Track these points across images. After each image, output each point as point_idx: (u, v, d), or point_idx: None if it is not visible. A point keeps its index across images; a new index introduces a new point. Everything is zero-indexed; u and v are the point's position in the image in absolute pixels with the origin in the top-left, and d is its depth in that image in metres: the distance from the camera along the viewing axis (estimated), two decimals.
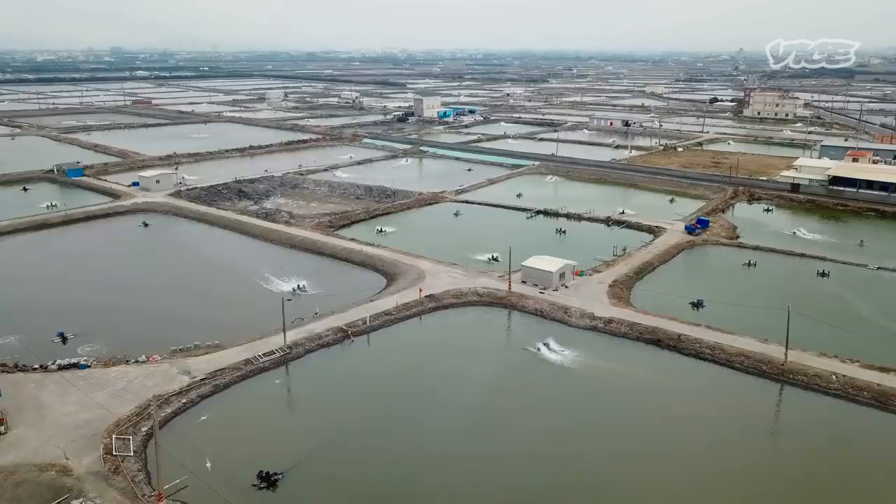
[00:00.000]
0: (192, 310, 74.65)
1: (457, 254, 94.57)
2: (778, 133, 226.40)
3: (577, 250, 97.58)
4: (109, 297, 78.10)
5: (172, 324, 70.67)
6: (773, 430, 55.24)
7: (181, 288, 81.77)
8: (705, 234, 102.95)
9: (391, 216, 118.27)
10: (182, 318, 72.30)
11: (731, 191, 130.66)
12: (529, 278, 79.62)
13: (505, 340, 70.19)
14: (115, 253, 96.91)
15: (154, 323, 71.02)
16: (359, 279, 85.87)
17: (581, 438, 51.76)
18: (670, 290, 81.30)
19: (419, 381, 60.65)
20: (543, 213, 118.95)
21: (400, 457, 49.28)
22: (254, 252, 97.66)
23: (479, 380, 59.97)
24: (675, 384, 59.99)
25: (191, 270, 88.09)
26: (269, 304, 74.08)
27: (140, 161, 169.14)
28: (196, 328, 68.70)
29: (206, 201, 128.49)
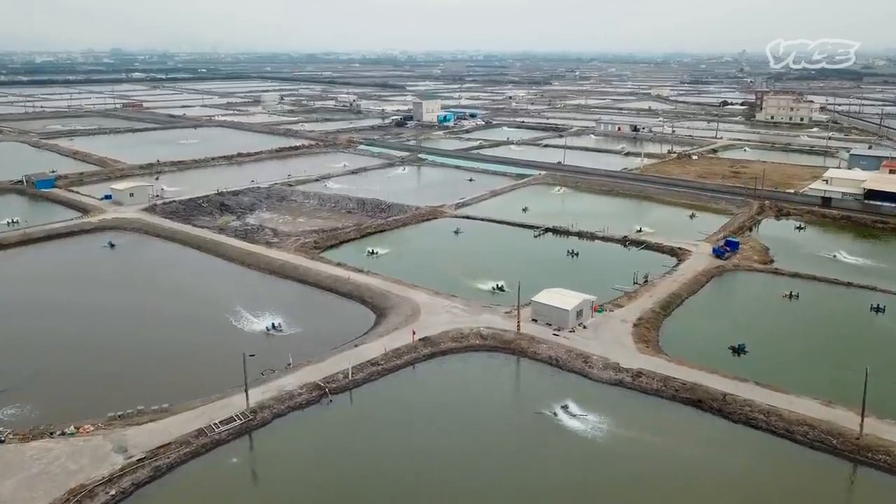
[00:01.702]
0: (143, 357, 63.41)
1: (456, 281, 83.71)
2: (795, 139, 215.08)
3: (592, 276, 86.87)
4: (48, 340, 67.06)
5: (117, 377, 59.58)
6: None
7: (136, 328, 70.39)
8: (735, 257, 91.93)
9: (385, 234, 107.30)
10: (130, 369, 61.16)
11: (756, 205, 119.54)
12: (541, 316, 68.64)
13: (514, 399, 58.90)
14: (68, 281, 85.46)
15: (95, 376, 59.91)
16: (344, 315, 74.85)
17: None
18: (704, 329, 70.42)
19: (409, 456, 49.53)
20: (552, 231, 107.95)
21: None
22: (228, 279, 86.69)
23: (483, 458, 48.86)
24: (724, 462, 48.78)
25: (152, 304, 76.94)
26: (235, 348, 62.98)
27: (119, 170, 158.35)
28: (145, 383, 57.87)
29: (183, 217, 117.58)
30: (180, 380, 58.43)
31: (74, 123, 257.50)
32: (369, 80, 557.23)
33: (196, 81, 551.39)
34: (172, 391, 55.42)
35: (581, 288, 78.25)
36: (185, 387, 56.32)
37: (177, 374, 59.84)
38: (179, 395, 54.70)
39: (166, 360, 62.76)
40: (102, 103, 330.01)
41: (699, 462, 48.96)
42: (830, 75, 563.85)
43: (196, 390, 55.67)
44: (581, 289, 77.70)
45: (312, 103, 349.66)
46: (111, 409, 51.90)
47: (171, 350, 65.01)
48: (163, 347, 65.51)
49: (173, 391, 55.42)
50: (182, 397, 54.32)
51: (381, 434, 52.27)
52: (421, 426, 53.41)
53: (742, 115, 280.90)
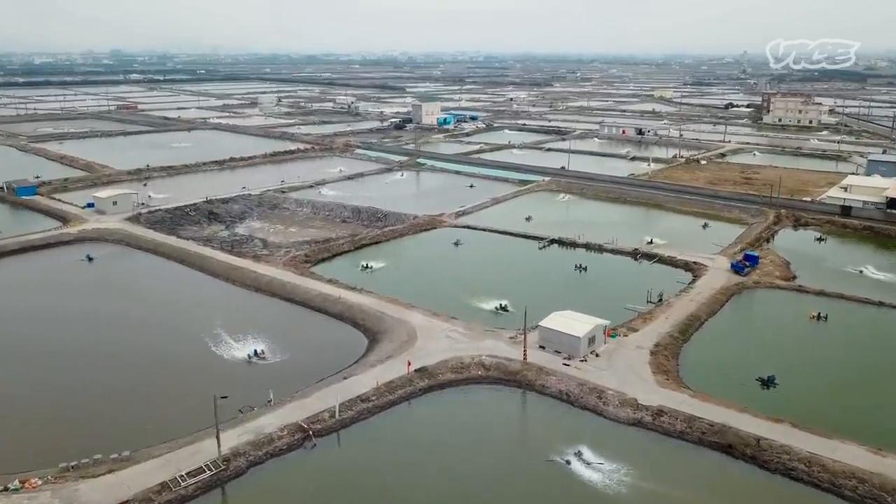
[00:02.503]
0: (107, 393, 57.14)
1: (456, 299, 77.72)
2: (805, 142, 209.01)
3: (602, 293, 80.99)
4: (5, 372, 60.91)
5: (76, 417, 53.50)
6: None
7: (101, 357, 64.01)
8: (755, 272, 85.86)
9: (380, 246, 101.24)
10: (91, 407, 55.02)
11: (773, 215, 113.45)
12: (550, 343, 62.59)
13: (521, 443, 52.44)
14: (38, 300, 78.96)
15: (51, 417, 53.63)
16: (333, 339, 68.78)
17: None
18: (728, 357, 64.32)
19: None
20: (558, 243, 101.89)
21: None
22: (211, 297, 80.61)
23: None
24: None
25: (123, 328, 70.79)
26: (212, 380, 57.25)
27: (106, 176, 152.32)
28: (107, 424, 51.95)
29: (168, 226, 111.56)
30: (147, 419, 52.32)
31: (66, 126, 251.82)
32: (369, 82, 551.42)
33: (194, 83, 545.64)
34: (137, 434, 49.41)
35: (591, 307, 72.42)
36: (153, 428, 50.30)
37: (144, 412, 53.66)
38: (145, 438, 48.70)
39: (133, 396, 56.56)
40: (96, 105, 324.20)
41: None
42: (834, 77, 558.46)
43: (164, 431, 49.69)
44: (591, 308, 71.88)
45: (310, 105, 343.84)
46: (65, 456, 45.85)
47: (140, 383, 58.78)
48: (130, 380, 59.29)
49: (138, 434, 49.41)
50: (148, 440, 48.32)
51: (371, 483, 46.22)
52: (416, 474, 47.37)
53: (748, 118, 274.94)
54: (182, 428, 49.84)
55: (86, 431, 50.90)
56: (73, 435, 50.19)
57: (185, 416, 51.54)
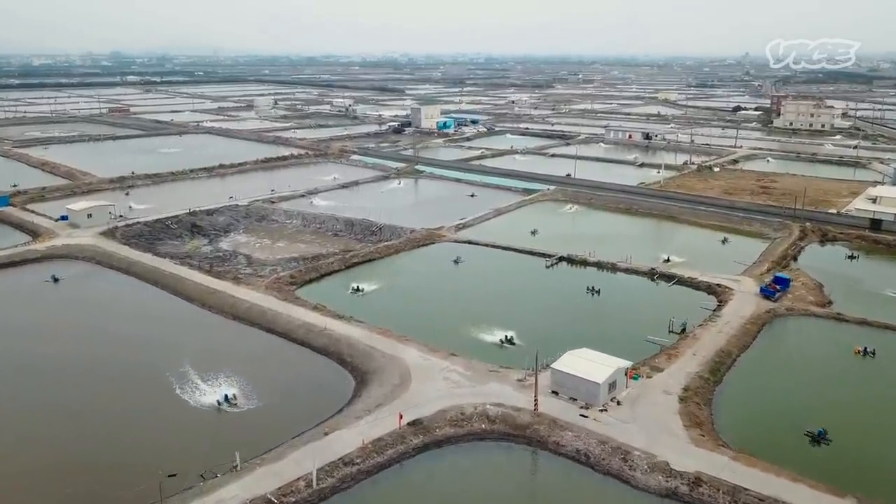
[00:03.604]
0: (38, 457, 48.38)
1: (456, 329, 69.73)
2: (819, 147, 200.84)
3: (618, 321, 72.98)
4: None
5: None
6: None
7: (41, 406, 55.49)
8: (786, 296, 77.71)
9: (374, 264, 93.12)
10: (15, 476, 46.43)
11: (797, 229, 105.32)
12: (564, 388, 54.45)
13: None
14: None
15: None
16: (316, 381, 60.63)
17: None
18: (767, 403, 56.14)
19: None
20: (567, 261, 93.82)
21: None
22: (182, 326, 72.45)
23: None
24: None
25: (79, 365, 62.54)
26: (172, 433, 49.33)
27: (86, 184, 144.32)
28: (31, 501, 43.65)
29: (147, 241, 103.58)
30: (83, 495, 44.07)
31: (55, 130, 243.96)
32: (368, 84, 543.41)
33: (192, 85, 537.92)
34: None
35: (607, 339, 64.86)
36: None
37: (80, 485, 45.22)
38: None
39: (72, 460, 48.12)
40: (88, 108, 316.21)
41: None
42: (839, 78, 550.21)
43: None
44: (607, 340, 64.32)
45: (307, 108, 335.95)
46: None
47: (84, 440, 50.30)
48: (73, 437, 50.79)
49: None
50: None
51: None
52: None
53: (758, 121, 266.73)
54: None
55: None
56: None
57: (137, 479, 43.16)
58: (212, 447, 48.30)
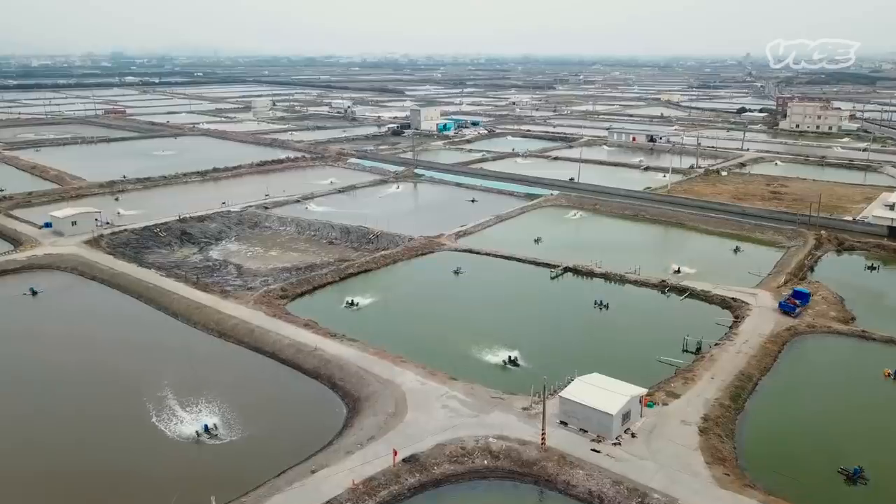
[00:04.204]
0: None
1: (456, 347, 65.43)
2: (828, 150, 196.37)
3: (629, 339, 68.64)
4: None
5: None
6: None
7: (3, 432, 51.65)
8: (806, 311, 73.22)
9: (370, 276, 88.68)
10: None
11: (812, 237, 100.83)
12: (574, 418, 49.99)
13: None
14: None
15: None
16: (305, 408, 56.22)
17: None
18: (795, 434, 51.63)
19: None
20: (572, 271, 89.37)
21: None
22: (164, 345, 67.91)
23: None
24: None
25: (47, 388, 57.99)
26: (145, 469, 44.91)
27: (75, 189, 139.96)
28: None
29: (133, 250, 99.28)
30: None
31: (48, 132, 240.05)
32: (368, 85, 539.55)
33: (191, 86, 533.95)
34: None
35: (618, 360, 60.80)
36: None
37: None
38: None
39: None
40: (84, 110, 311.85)
41: None
42: (843, 79, 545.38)
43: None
44: (618, 360, 60.46)
45: (305, 109, 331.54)
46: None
47: (41, 480, 45.86)
48: (29, 477, 46.37)
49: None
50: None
51: None
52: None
53: (763, 123, 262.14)
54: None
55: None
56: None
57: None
58: (187, 488, 43.92)
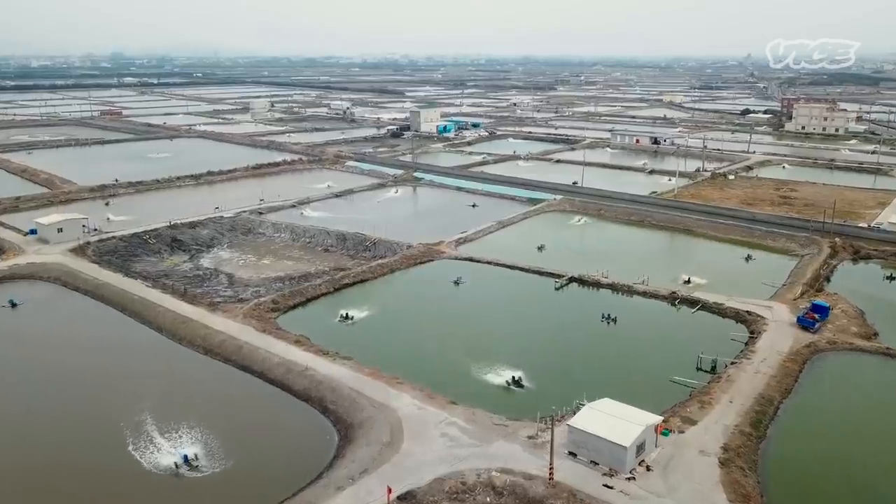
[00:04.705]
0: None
1: (455, 367, 61.63)
2: (836, 153, 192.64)
3: (639, 356, 64.87)
4: None
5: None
6: None
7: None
8: (826, 326, 69.39)
9: (366, 286, 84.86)
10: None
11: (826, 245, 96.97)
12: (584, 449, 46.15)
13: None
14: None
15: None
16: (293, 435, 52.28)
17: None
18: (822, 465, 47.84)
19: None
20: (578, 282, 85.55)
21: None
22: (147, 362, 63.97)
23: None
24: None
25: (19, 411, 54.43)
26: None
27: (65, 193, 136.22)
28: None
29: (121, 258, 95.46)
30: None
31: (43, 133, 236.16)
32: (367, 86, 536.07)
33: (189, 87, 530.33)
34: None
35: (627, 377, 57.98)
36: None
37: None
38: None
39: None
40: (79, 111, 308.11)
41: None
42: (846, 80, 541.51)
43: None
44: (627, 379, 57.31)
45: (304, 111, 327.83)
46: None
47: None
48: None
49: None
50: None
51: None
52: None
53: (768, 125, 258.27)
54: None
55: None
56: None
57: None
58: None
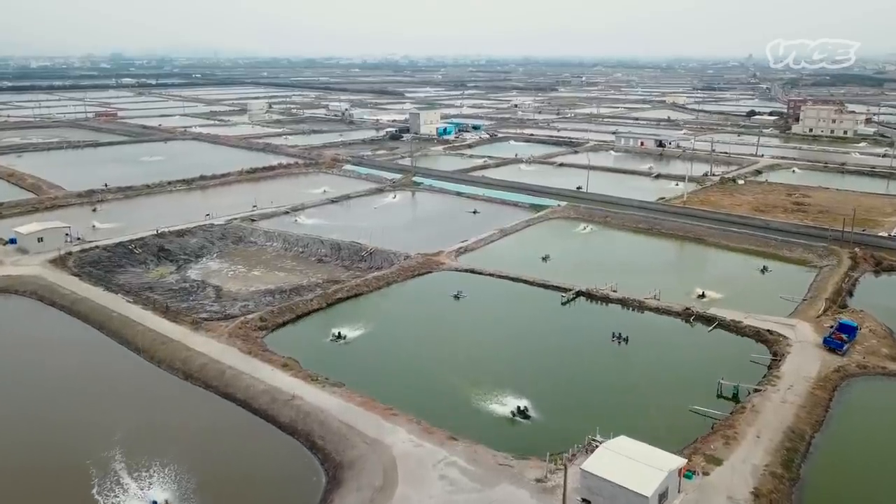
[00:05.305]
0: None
1: (455, 393, 56.88)
2: (846, 156, 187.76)
3: (654, 382, 59.95)
4: None
5: None
6: None
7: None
8: (854, 348, 64.50)
9: (360, 301, 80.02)
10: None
11: (847, 256, 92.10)
12: (599, 496, 41.24)
13: None
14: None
15: None
16: (275, 478, 47.18)
17: None
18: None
19: None
20: (585, 296, 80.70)
21: None
22: (122, 389, 59.02)
23: None
24: None
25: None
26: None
27: (51, 199, 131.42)
28: None
29: (104, 270, 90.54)
30: None
31: (35, 135, 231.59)
32: (367, 86, 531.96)
33: (188, 87, 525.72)
34: None
35: (642, 406, 53.39)
36: None
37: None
38: None
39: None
40: (74, 112, 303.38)
41: None
42: (849, 80, 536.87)
43: None
44: (642, 408, 52.72)
45: (302, 112, 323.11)
46: None
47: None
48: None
49: None
50: None
51: None
52: None
53: (774, 127, 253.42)
54: None
55: None
56: None
57: None
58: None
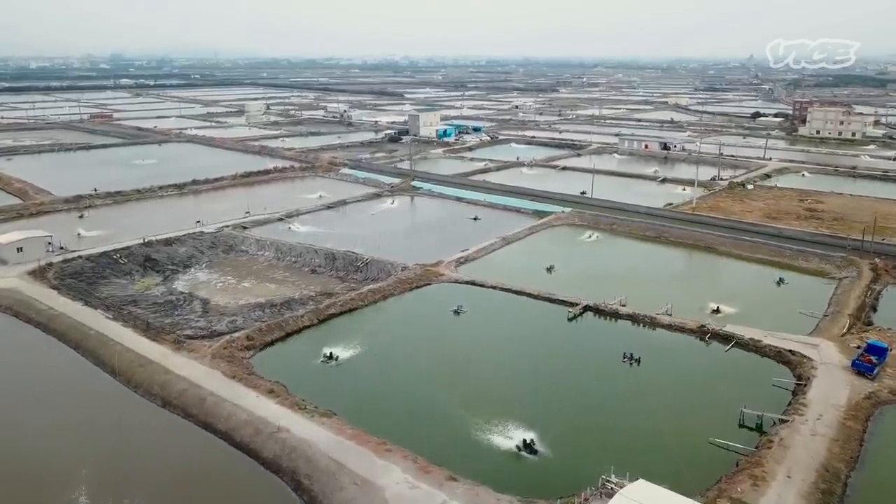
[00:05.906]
0: None
1: (455, 423, 52.35)
2: (855, 159, 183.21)
3: (670, 409, 55.49)
4: None
5: None
6: None
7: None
8: (885, 371, 59.96)
9: (355, 315, 75.54)
10: None
11: (867, 267, 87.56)
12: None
13: None
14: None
15: None
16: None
17: None
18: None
19: None
20: (593, 311, 76.20)
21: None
22: (94, 419, 54.30)
23: None
24: None
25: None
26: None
27: (37, 205, 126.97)
28: None
29: (86, 282, 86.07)
30: None
31: (28, 138, 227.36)
32: (367, 87, 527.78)
33: (186, 88, 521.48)
34: None
35: (658, 440, 49.41)
36: None
37: None
38: None
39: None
40: (68, 114, 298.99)
41: None
42: (852, 81, 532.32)
43: None
44: (658, 442, 48.75)
45: (300, 114, 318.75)
46: None
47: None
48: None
49: None
50: None
51: None
52: None
53: (780, 129, 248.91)
54: None
55: None
56: None
57: None
58: None
